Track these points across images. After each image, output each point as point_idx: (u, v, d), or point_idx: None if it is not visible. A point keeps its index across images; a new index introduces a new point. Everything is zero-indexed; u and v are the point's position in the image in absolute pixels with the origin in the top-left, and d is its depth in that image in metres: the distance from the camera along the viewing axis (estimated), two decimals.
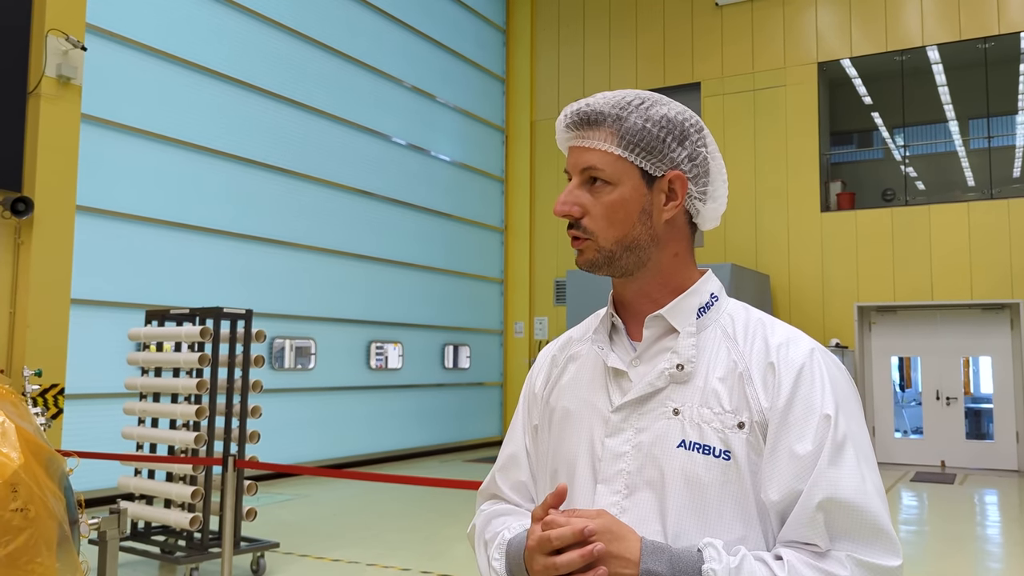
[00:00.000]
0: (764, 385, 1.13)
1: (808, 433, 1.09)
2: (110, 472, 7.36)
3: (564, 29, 15.74)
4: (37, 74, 7.20)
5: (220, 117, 10.02)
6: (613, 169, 1.18)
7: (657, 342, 1.21)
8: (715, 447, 1.11)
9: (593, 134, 1.19)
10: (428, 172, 13.76)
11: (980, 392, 13.32)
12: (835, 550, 1.05)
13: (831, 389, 1.12)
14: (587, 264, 1.21)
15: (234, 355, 5.96)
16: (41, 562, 2.77)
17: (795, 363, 1.13)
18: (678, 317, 1.20)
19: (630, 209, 1.19)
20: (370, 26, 12.56)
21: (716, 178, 1.25)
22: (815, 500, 1.05)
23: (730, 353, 1.17)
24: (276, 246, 10.70)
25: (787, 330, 1.19)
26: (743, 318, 1.22)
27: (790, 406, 1.11)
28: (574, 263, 1.23)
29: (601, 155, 1.18)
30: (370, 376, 12.35)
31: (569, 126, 1.22)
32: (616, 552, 1.04)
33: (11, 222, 7.03)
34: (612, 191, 1.18)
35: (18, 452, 2.76)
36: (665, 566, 1.03)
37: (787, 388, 1.11)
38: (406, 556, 6.54)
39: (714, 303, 1.23)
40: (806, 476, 1.07)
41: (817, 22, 13.47)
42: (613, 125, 1.18)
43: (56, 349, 7.21)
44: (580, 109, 1.21)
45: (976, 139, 15.01)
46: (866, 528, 1.06)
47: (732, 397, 1.14)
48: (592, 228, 1.19)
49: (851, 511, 1.06)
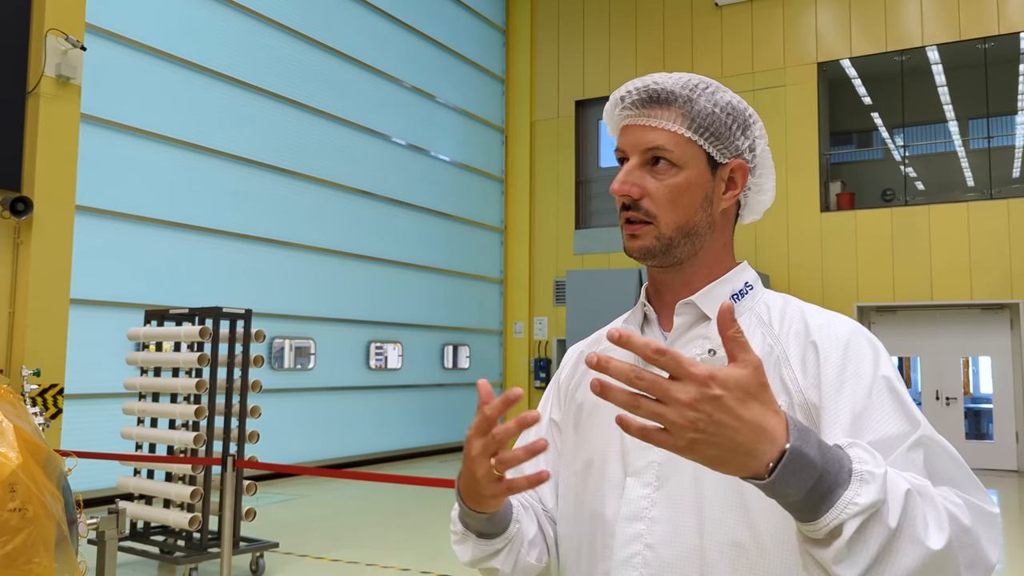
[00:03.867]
0: (803, 365, 1.07)
1: (872, 395, 1.02)
2: (109, 472, 7.36)
3: (564, 29, 15.74)
4: (36, 74, 7.20)
5: (220, 117, 10.02)
6: (681, 151, 1.13)
7: (689, 330, 1.16)
8: None
9: (660, 113, 1.14)
10: (428, 172, 13.75)
11: (980, 392, 13.32)
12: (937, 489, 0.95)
13: (886, 359, 1.07)
14: (642, 251, 1.15)
15: (233, 355, 5.95)
16: (39, 562, 2.76)
17: (841, 338, 1.08)
18: (710, 303, 1.15)
19: (694, 194, 1.14)
20: (370, 26, 12.56)
21: (768, 171, 1.23)
22: (911, 438, 0.98)
23: (765, 338, 1.12)
24: (276, 246, 10.69)
25: (828, 313, 1.14)
26: (780, 305, 1.17)
27: (842, 378, 1.04)
28: (624, 250, 1.18)
29: (669, 135, 1.13)
30: (370, 376, 12.34)
31: (634, 103, 1.15)
32: (746, 415, 0.81)
33: (10, 222, 7.02)
34: (677, 174, 1.13)
35: (16, 452, 2.76)
36: (815, 451, 0.83)
37: (835, 361, 1.06)
38: (406, 556, 6.54)
39: (748, 291, 1.19)
40: (892, 425, 0.99)
41: (817, 22, 13.47)
42: (684, 106, 1.13)
43: (55, 349, 7.20)
44: (648, 86, 1.15)
45: (976, 139, 15.00)
46: (964, 473, 0.99)
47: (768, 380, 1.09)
48: (653, 211, 1.13)
49: (948, 453, 0.99)
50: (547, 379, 14.87)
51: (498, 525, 1.14)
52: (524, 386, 15.18)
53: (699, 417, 0.79)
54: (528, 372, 15.22)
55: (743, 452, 0.81)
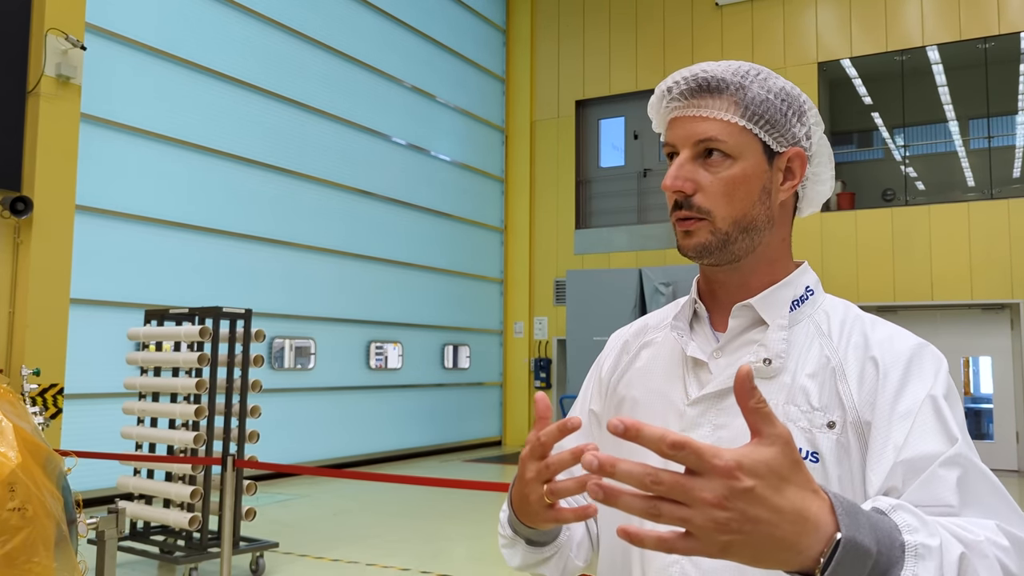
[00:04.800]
0: (861, 381, 1.02)
1: (918, 415, 0.96)
2: (109, 472, 7.36)
3: (564, 30, 15.74)
4: (36, 73, 7.20)
5: (220, 116, 10.02)
6: (735, 141, 1.07)
7: (743, 334, 1.11)
8: (801, 448, 0.99)
9: (712, 102, 1.07)
10: (428, 172, 13.75)
11: (980, 392, 13.30)
12: (969, 515, 0.88)
13: (943, 376, 1.01)
14: (698, 248, 1.08)
15: (233, 355, 5.95)
16: (39, 562, 2.76)
17: (903, 355, 1.02)
18: (769, 309, 1.09)
19: (751, 186, 1.07)
20: (370, 26, 12.56)
21: (827, 160, 1.18)
22: (945, 455, 0.92)
23: (823, 349, 1.06)
24: (275, 246, 10.69)
25: (891, 326, 1.08)
26: (840, 314, 1.10)
27: (898, 398, 0.99)
28: (678, 248, 1.12)
29: (722, 125, 1.06)
30: (370, 376, 12.34)
31: (683, 93, 1.09)
32: (784, 505, 0.70)
33: (10, 221, 7.02)
34: (732, 165, 1.07)
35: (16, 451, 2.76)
36: (868, 535, 0.73)
37: (894, 379, 1.00)
38: (406, 556, 6.53)
39: (809, 297, 1.12)
40: (930, 444, 0.94)
41: (817, 22, 13.47)
42: (736, 93, 1.07)
43: (55, 348, 7.20)
44: (696, 75, 1.08)
45: (976, 139, 15.00)
46: (1002, 500, 0.91)
47: (822, 394, 1.02)
48: (708, 206, 1.06)
49: (985, 477, 0.92)
50: (547, 379, 14.87)
51: (549, 534, 1.13)
52: (523, 386, 15.18)
53: (731, 517, 0.68)
54: (528, 372, 15.21)
55: (786, 548, 0.70)
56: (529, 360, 15.27)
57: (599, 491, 0.70)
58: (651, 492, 0.69)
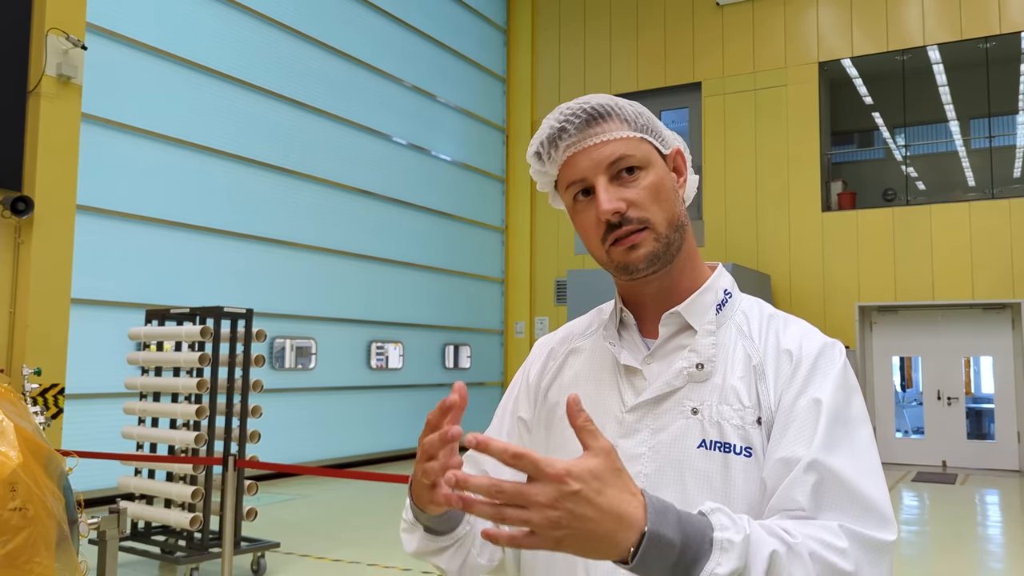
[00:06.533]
0: (776, 379, 1.09)
1: (803, 411, 1.05)
2: (110, 472, 7.35)
3: (565, 29, 15.74)
4: (37, 73, 7.20)
5: (220, 116, 10.02)
6: (640, 152, 1.13)
7: (672, 339, 1.16)
8: (736, 444, 1.06)
9: (606, 126, 1.13)
10: (429, 172, 13.75)
11: (981, 392, 13.31)
12: (822, 519, 0.97)
13: (837, 380, 1.07)
14: (648, 258, 1.12)
15: (234, 354, 5.95)
16: (40, 561, 2.76)
17: (810, 355, 1.10)
18: (696, 315, 1.16)
19: (668, 187, 1.15)
20: (371, 25, 12.55)
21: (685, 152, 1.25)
22: (806, 461, 0.99)
23: (746, 349, 1.13)
24: (276, 245, 10.69)
25: (802, 325, 1.16)
26: (757, 314, 1.18)
27: (797, 398, 1.06)
28: (619, 268, 1.16)
29: (625, 142, 1.13)
30: (371, 376, 12.34)
31: (578, 127, 1.13)
32: (604, 504, 0.82)
33: (11, 221, 7.02)
34: (648, 174, 1.13)
35: (17, 451, 2.75)
36: (673, 530, 0.86)
37: (800, 380, 1.07)
38: (406, 556, 6.52)
39: (728, 299, 1.19)
40: (800, 447, 1.01)
41: (818, 22, 13.46)
42: (620, 113, 1.14)
43: (56, 348, 7.20)
44: (583, 107, 1.14)
45: (977, 139, 14.99)
46: (857, 503, 0.98)
47: (750, 393, 1.09)
48: (645, 215, 1.11)
49: (843, 482, 0.99)
50: None
51: (447, 523, 1.15)
52: None
53: (561, 516, 0.81)
54: None
55: (606, 541, 0.83)
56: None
57: (459, 501, 0.82)
58: (497, 500, 0.81)
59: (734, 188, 13.73)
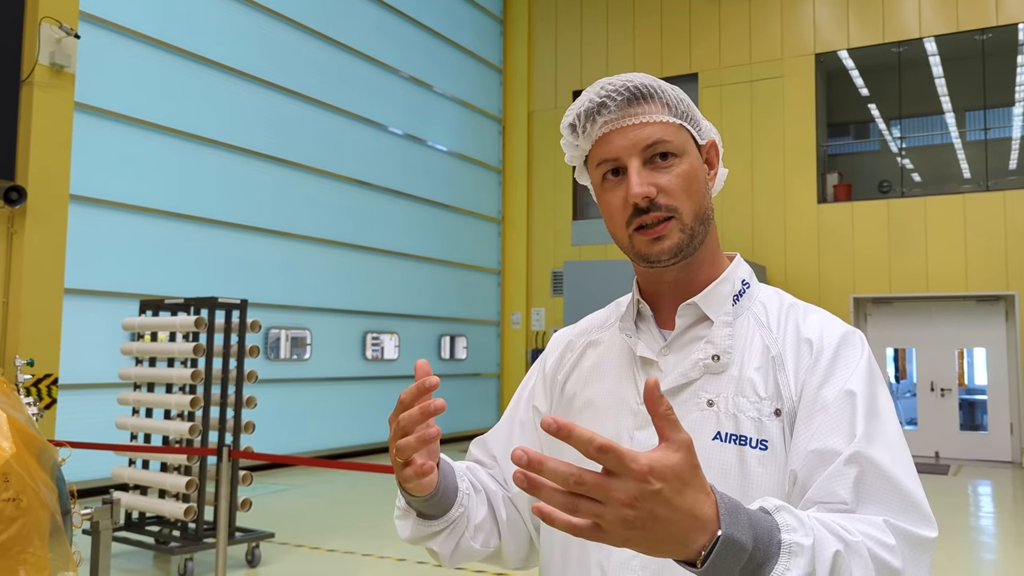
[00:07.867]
0: (796, 369, 1.07)
1: (835, 402, 1.03)
2: (104, 462, 7.35)
3: (561, 19, 15.69)
4: (30, 62, 7.15)
5: (215, 106, 9.97)
6: (677, 139, 1.11)
7: (689, 330, 1.15)
8: (752, 438, 1.05)
9: (647, 108, 1.11)
10: (425, 162, 13.72)
11: (974, 383, 13.34)
12: (862, 513, 0.95)
13: (865, 369, 1.06)
14: (673, 250, 1.10)
15: (229, 345, 5.94)
16: (33, 552, 2.75)
17: (831, 344, 1.08)
18: (712, 306, 1.14)
19: (700, 178, 1.13)
20: (367, 15, 12.49)
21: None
22: (846, 453, 0.97)
23: (764, 340, 1.11)
24: (271, 236, 10.66)
25: (822, 314, 1.15)
26: (776, 304, 1.16)
27: (821, 387, 1.04)
28: (641, 258, 1.13)
29: (663, 126, 1.10)
30: (366, 366, 12.33)
31: (619, 104, 1.11)
32: (682, 505, 0.78)
33: (4, 211, 6.99)
34: (682, 162, 1.11)
35: (10, 442, 2.74)
36: (745, 532, 0.81)
37: (822, 369, 1.06)
38: (401, 547, 6.55)
39: (746, 290, 1.17)
40: (836, 440, 1.00)
41: (814, 13, 13.44)
42: (662, 96, 1.12)
43: (49, 339, 7.18)
44: (626, 85, 1.11)
45: (973, 131, 15.00)
46: (898, 497, 0.96)
47: (767, 384, 1.08)
48: (674, 203, 1.09)
49: (884, 476, 0.97)
50: None
51: (438, 507, 1.13)
52: (521, 377, 15.18)
53: (638, 515, 0.76)
54: (525, 362, 15.22)
55: (677, 542, 0.79)
56: (527, 351, 15.28)
57: (524, 480, 0.76)
58: (573, 490, 0.76)
59: (730, 179, 13.71)
